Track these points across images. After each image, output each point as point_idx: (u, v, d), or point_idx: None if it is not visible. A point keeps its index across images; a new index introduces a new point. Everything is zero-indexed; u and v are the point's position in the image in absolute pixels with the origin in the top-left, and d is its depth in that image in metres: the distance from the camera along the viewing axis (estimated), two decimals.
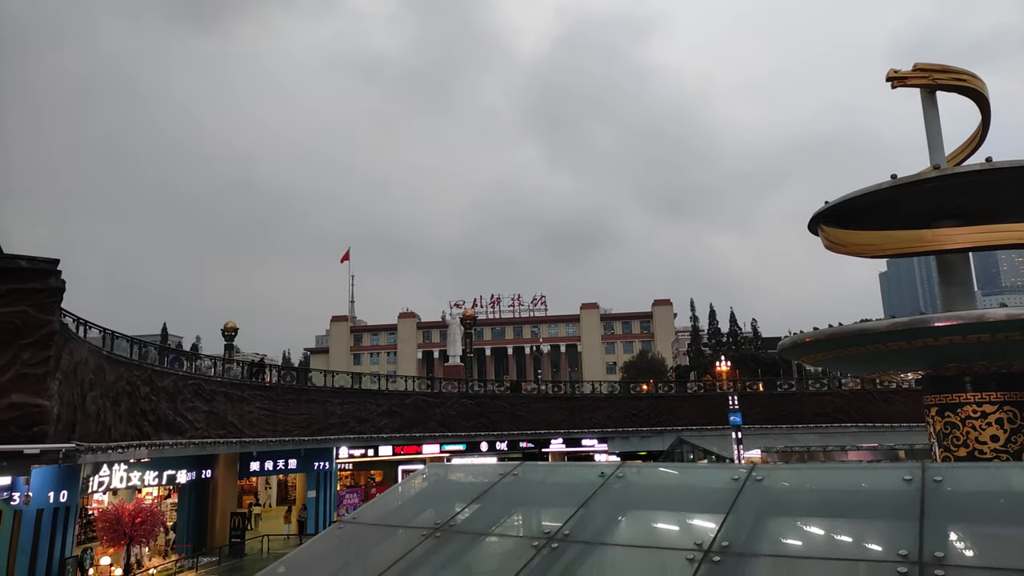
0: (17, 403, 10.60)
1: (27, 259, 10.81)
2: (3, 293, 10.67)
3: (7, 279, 10.73)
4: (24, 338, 10.80)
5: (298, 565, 8.69)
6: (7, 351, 10.67)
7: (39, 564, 20.27)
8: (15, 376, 10.63)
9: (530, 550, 6.57)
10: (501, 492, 8.39)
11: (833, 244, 25.86)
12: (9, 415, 10.54)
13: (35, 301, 10.91)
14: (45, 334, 11.00)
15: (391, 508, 9.68)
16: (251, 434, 29.23)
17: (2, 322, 10.59)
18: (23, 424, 10.64)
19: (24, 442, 10.48)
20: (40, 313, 10.94)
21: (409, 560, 7.54)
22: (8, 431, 10.47)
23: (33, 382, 10.83)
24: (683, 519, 6.89)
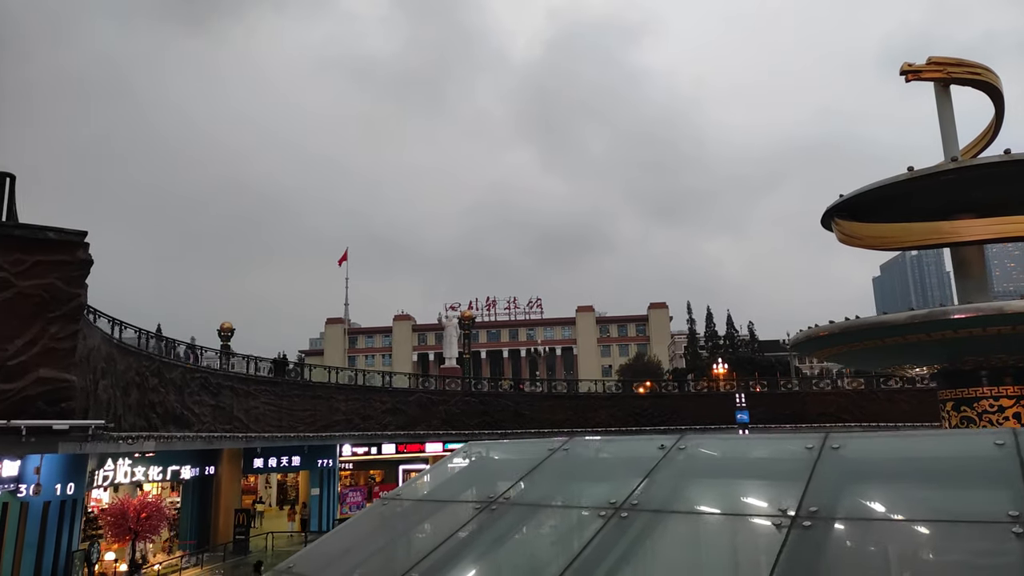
0: (45, 378, 10.25)
1: (55, 230, 10.46)
2: (30, 265, 10.34)
3: (34, 250, 10.39)
4: (51, 311, 10.46)
5: (346, 538, 8.40)
6: (34, 324, 10.32)
7: (46, 558, 19.84)
8: (42, 350, 10.29)
9: (598, 520, 6.32)
10: (554, 466, 8.13)
11: (848, 237, 25.70)
12: (36, 390, 10.19)
13: (63, 274, 10.57)
14: (73, 308, 10.66)
15: (435, 485, 9.39)
16: (257, 429, 28.85)
17: (29, 295, 10.25)
18: (51, 400, 10.29)
19: (51, 418, 10.14)
20: (68, 286, 10.60)
21: (468, 531, 7.26)
22: (35, 407, 10.12)
23: (60, 357, 10.49)
24: (762, 487, 6.64)
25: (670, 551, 6.13)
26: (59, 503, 20.36)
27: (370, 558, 7.84)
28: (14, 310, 10.16)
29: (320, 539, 9.12)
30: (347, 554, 8.03)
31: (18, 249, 10.24)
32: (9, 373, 10.04)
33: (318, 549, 8.96)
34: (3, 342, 10.07)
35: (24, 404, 10.07)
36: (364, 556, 7.99)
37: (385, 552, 7.90)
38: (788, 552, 5.11)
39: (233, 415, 27.44)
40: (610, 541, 6.07)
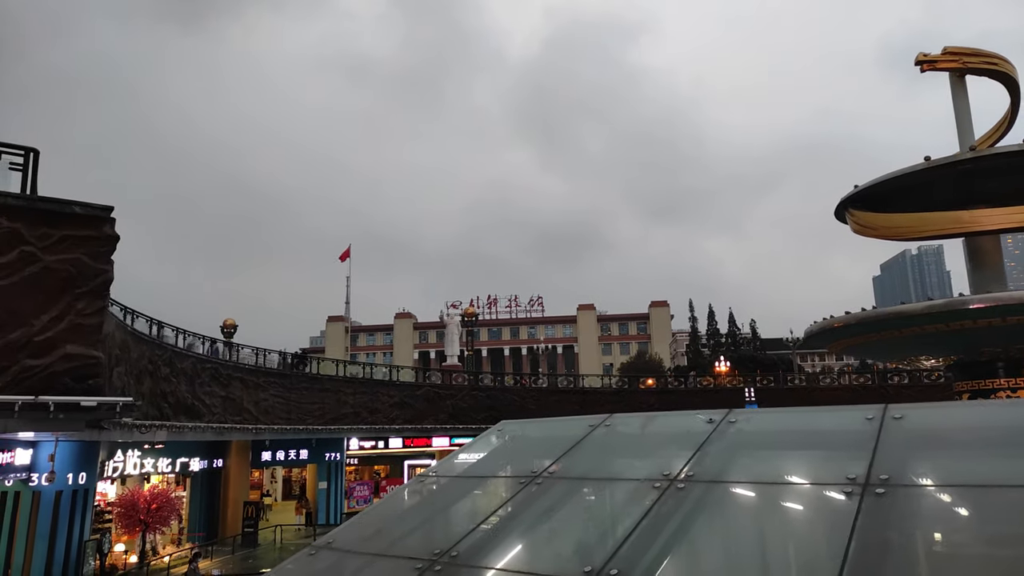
0: (72, 354, 10.05)
1: (81, 205, 10.25)
2: (57, 239, 10.13)
3: (61, 224, 10.19)
4: (79, 287, 10.26)
5: (385, 514, 8.21)
6: (61, 299, 10.12)
7: (57, 548, 19.66)
8: (69, 326, 10.08)
9: (652, 491, 6.12)
10: (597, 441, 7.95)
11: (863, 228, 25.53)
12: (64, 366, 9.99)
13: (90, 249, 10.37)
14: (100, 283, 10.46)
15: (473, 461, 9.19)
16: (266, 421, 28.66)
17: (55, 269, 10.05)
18: (78, 376, 10.09)
19: (78, 395, 9.96)
20: (95, 261, 10.40)
21: (514, 505, 7.06)
22: (62, 383, 9.92)
23: (88, 333, 10.29)
24: (825, 456, 6.46)
25: (733, 521, 5.95)
26: (71, 492, 20.17)
27: (412, 532, 7.66)
28: (41, 285, 9.95)
29: (358, 515, 8.94)
30: (388, 529, 7.83)
31: (44, 223, 10.04)
32: (36, 349, 9.84)
33: (357, 524, 8.77)
34: (30, 317, 9.87)
35: (51, 380, 9.87)
36: (406, 530, 7.80)
37: (428, 526, 7.70)
38: (863, 520, 4.96)
39: (243, 407, 27.25)
40: (668, 511, 5.88)
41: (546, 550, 6.33)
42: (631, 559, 5.09)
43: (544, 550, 6.32)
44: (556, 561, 5.95)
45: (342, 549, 7.52)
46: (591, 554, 5.42)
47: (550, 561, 5.99)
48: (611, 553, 5.21)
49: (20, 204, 9.86)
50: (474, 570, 6.02)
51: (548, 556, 6.13)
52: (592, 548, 5.73)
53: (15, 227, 9.77)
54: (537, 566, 5.87)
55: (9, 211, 9.74)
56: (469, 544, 6.33)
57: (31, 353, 9.79)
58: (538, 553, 6.23)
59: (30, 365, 9.76)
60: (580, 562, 5.32)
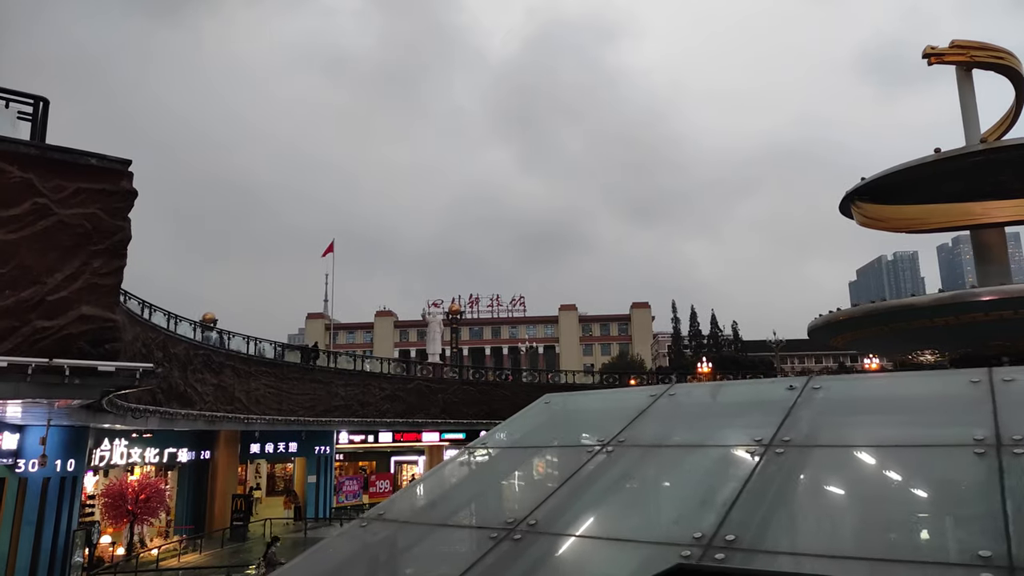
0: (88, 316, 9.32)
1: (97, 156, 9.53)
2: (73, 192, 9.40)
3: (77, 177, 9.46)
4: (95, 244, 9.53)
5: (437, 486, 7.64)
6: (76, 257, 9.38)
7: (44, 537, 18.79)
8: (85, 286, 9.34)
9: (748, 457, 5.63)
10: (665, 410, 7.44)
11: (871, 220, 25.34)
12: (79, 328, 9.25)
13: (106, 204, 9.64)
14: (118, 241, 9.74)
15: (523, 432, 8.66)
16: (257, 411, 27.83)
17: (70, 224, 9.32)
18: (95, 340, 9.37)
19: (94, 360, 9.25)
20: (112, 217, 9.68)
21: (586, 474, 6.50)
22: (77, 346, 9.20)
23: (104, 294, 9.57)
24: (937, 419, 6.08)
25: (846, 484, 5.47)
26: (59, 480, 19.32)
27: (474, 503, 7.11)
28: (54, 240, 9.23)
29: (403, 489, 8.37)
30: (443, 500, 7.27)
31: (57, 175, 9.32)
32: (49, 309, 9.11)
33: (406, 497, 8.20)
34: (43, 275, 9.14)
35: (65, 343, 9.16)
36: (465, 501, 7.24)
37: (491, 497, 7.15)
38: (1008, 480, 4.56)
39: (234, 396, 26.42)
40: (771, 476, 5.37)
41: (637, 517, 5.79)
42: (744, 524, 4.56)
43: (635, 517, 5.77)
44: (654, 528, 5.40)
45: (398, 520, 6.93)
46: (695, 520, 4.88)
47: (647, 528, 5.44)
48: (720, 519, 4.67)
49: (32, 153, 9.14)
50: (558, 538, 5.46)
51: (642, 523, 5.59)
52: (694, 515, 5.18)
53: (27, 177, 9.05)
54: (635, 533, 5.33)
55: (20, 160, 9.02)
56: (546, 512, 5.76)
57: (44, 313, 9.07)
58: (629, 520, 5.68)
59: (43, 327, 9.03)
60: (684, 528, 4.79)
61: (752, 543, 4.28)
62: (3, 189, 8.85)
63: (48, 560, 18.78)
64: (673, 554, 4.41)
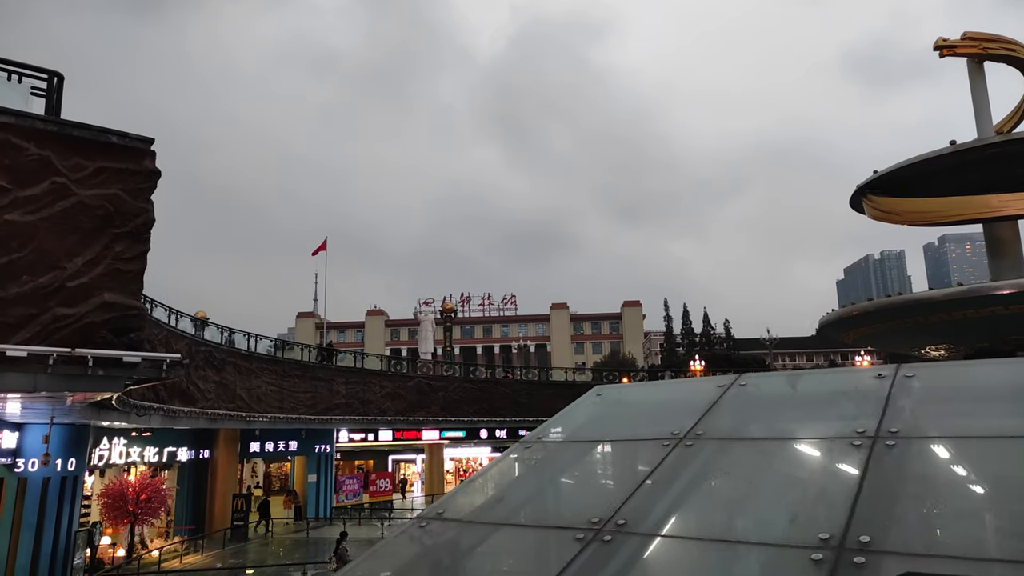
0: (111, 303, 8.73)
1: (118, 134, 8.93)
2: (93, 172, 8.80)
3: (96, 155, 8.87)
4: (117, 226, 8.93)
5: (495, 483, 7.16)
6: (98, 240, 8.78)
7: (45, 539, 18.15)
8: (107, 271, 8.75)
9: (854, 450, 5.15)
10: (742, 401, 6.95)
11: (884, 214, 25.05)
12: (101, 316, 8.66)
13: (128, 184, 9.05)
14: (141, 224, 9.16)
15: (581, 425, 8.16)
16: (259, 409, 27.21)
17: (91, 206, 8.72)
18: (119, 329, 8.79)
19: (119, 350, 8.68)
20: (134, 199, 9.09)
21: (670, 467, 6.01)
22: (100, 335, 8.61)
23: (128, 280, 8.98)
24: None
25: (974, 474, 5.02)
26: (59, 480, 18.69)
27: (545, 500, 6.61)
28: (74, 223, 8.65)
29: (458, 488, 7.85)
30: (508, 498, 6.78)
31: (77, 152, 8.73)
32: (70, 296, 8.53)
33: (464, 495, 7.68)
34: (62, 259, 8.55)
35: (87, 332, 8.58)
36: (533, 499, 6.73)
37: (561, 495, 6.66)
38: None
39: (236, 393, 25.80)
40: (890, 471, 4.89)
41: (744, 516, 5.28)
42: (876, 523, 4.08)
43: (741, 516, 5.26)
44: (769, 528, 4.87)
45: (460, 519, 6.42)
46: (817, 520, 4.39)
47: (760, 528, 4.92)
48: (846, 518, 4.18)
49: (50, 129, 8.55)
50: (656, 539, 4.96)
51: (752, 523, 5.07)
52: (813, 513, 4.69)
53: (44, 155, 8.47)
54: (748, 534, 4.85)
55: (38, 136, 8.43)
56: (634, 511, 5.25)
57: (64, 300, 8.48)
58: (736, 520, 5.17)
59: (63, 314, 8.45)
60: (805, 529, 4.30)
61: (894, 545, 3.81)
62: (20, 167, 8.28)
63: (48, 562, 18.15)
64: (801, 558, 3.93)
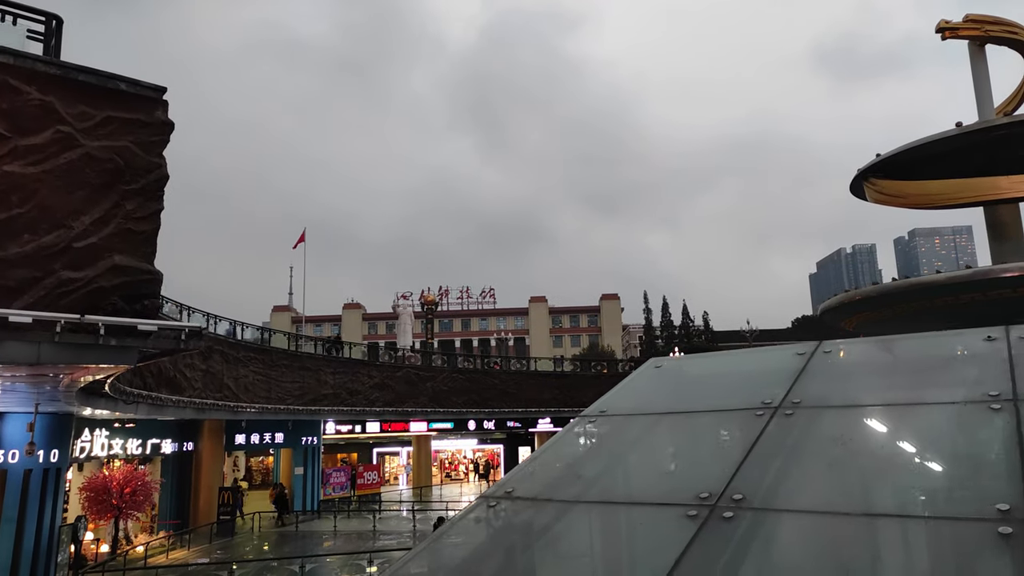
0: (121, 267, 7.87)
1: (128, 81, 8.04)
2: (101, 121, 7.91)
3: (105, 104, 7.98)
4: (128, 183, 8.05)
5: (566, 458, 6.45)
6: (107, 197, 7.88)
7: (27, 534, 17.14)
8: (118, 232, 7.87)
9: (984, 412, 4.54)
10: (833, 369, 6.29)
11: (888, 197, 24.77)
12: (111, 281, 7.78)
13: (139, 137, 8.16)
14: (154, 180, 8.29)
15: (644, 399, 7.43)
16: (246, 399, 26.25)
17: (100, 158, 7.83)
18: (131, 295, 7.92)
19: (131, 318, 7.83)
20: (146, 153, 8.22)
21: (773, 438, 5.33)
22: (110, 302, 7.74)
23: (140, 242, 8.11)
24: None
25: None
26: (41, 472, 17.66)
27: (628, 478, 5.93)
28: (80, 177, 7.77)
29: (523, 465, 7.12)
30: (587, 474, 6.06)
31: (82, 100, 7.87)
32: (76, 258, 7.66)
33: (533, 473, 6.96)
34: (67, 217, 7.67)
35: (96, 298, 7.72)
36: (613, 476, 6.03)
37: (649, 470, 5.96)
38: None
39: (223, 383, 24.82)
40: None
41: (888, 486, 4.62)
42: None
43: (886, 487, 4.60)
44: (933, 499, 4.20)
45: (535, 498, 5.68)
46: (988, 488, 3.74)
47: (919, 500, 4.26)
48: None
49: (53, 72, 7.66)
50: (790, 515, 4.29)
51: (905, 493, 4.42)
52: (976, 481, 4.06)
53: (47, 100, 7.59)
54: (904, 506, 4.18)
55: (39, 79, 7.54)
56: (748, 484, 4.55)
57: (70, 263, 7.62)
58: (881, 491, 4.50)
59: (69, 278, 7.59)
60: (977, 497, 3.67)
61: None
62: (20, 113, 7.39)
63: (31, 558, 17.14)
64: (987, 531, 3.30)
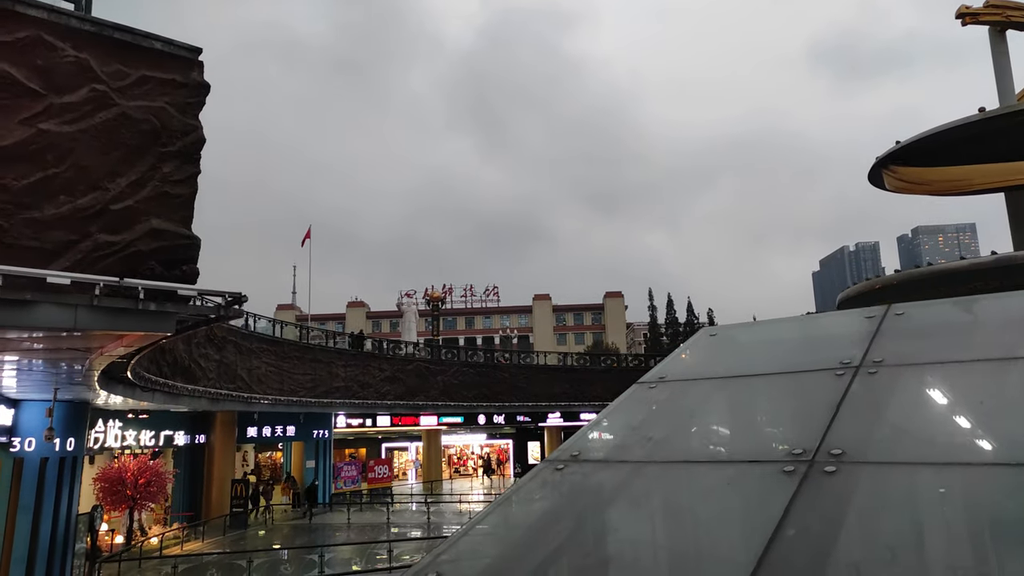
0: (159, 230, 7.59)
1: (163, 40, 7.78)
2: (136, 80, 7.63)
3: (140, 63, 7.70)
4: (164, 145, 7.78)
5: (635, 422, 6.15)
6: (143, 159, 7.61)
7: (43, 522, 16.88)
8: (155, 195, 7.60)
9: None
10: (911, 329, 5.99)
11: (910, 184, 24.49)
12: (150, 245, 7.51)
13: (176, 98, 7.90)
14: (191, 143, 8.02)
15: (704, 365, 7.14)
16: (259, 391, 25.99)
17: (136, 119, 7.56)
18: (169, 260, 7.64)
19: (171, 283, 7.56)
20: (182, 115, 7.94)
21: (860, 394, 5.03)
22: (147, 266, 7.47)
23: (177, 206, 7.83)
24: None
25: None
26: (58, 460, 17.40)
27: (706, 437, 5.62)
28: (116, 137, 7.51)
29: (587, 428, 6.82)
30: (660, 436, 5.74)
31: (117, 58, 7.60)
32: (113, 220, 7.40)
33: (592, 438, 6.67)
34: (103, 179, 7.40)
35: (133, 262, 7.45)
36: (689, 436, 5.72)
37: (725, 430, 5.65)
38: None
39: (236, 374, 24.57)
40: None
41: (997, 437, 4.33)
42: None
43: (997, 439, 4.31)
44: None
45: (606, 460, 5.38)
46: None
47: None
48: None
49: (87, 28, 7.40)
50: (900, 467, 3.99)
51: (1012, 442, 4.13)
52: None
53: (82, 57, 7.32)
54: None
55: (74, 36, 7.28)
56: (844, 440, 4.24)
57: (106, 226, 7.36)
58: (991, 442, 4.20)
59: (106, 241, 7.32)
60: None
61: None
62: (54, 70, 7.12)
63: (47, 548, 16.88)
64: None
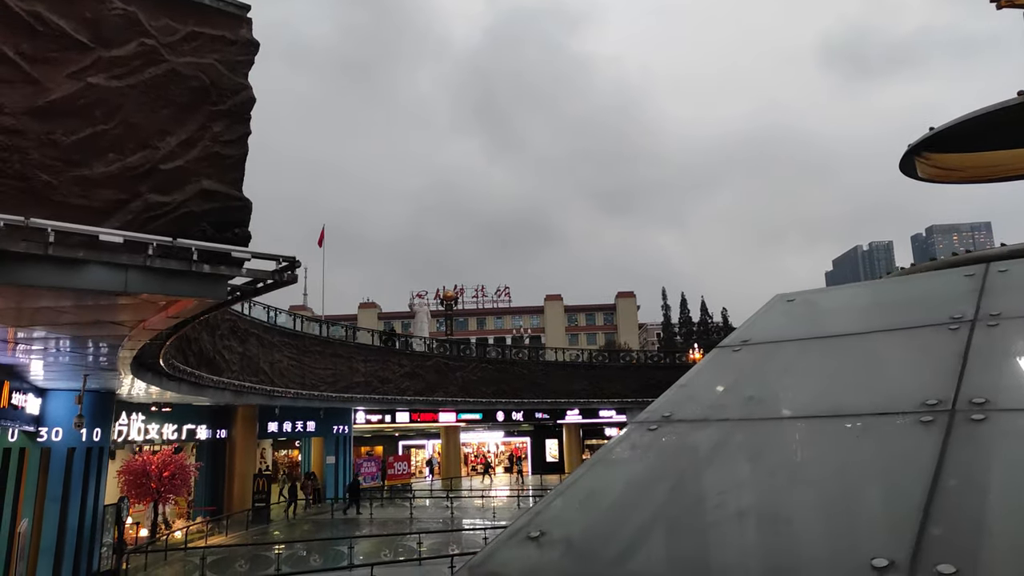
0: (210, 191, 7.30)
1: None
2: (186, 36, 7.34)
3: (188, 18, 7.40)
4: (214, 104, 7.50)
5: (732, 382, 5.79)
6: (193, 118, 7.32)
7: (71, 513, 16.67)
8: (205, 155, 7.32)
9: None
10: (1016, 284, 5.62)
11: (944, 171, 24.01)
12: (201, 207, 7.22)
13: (225, 56, 7.61)
14: (241, 102, 7.73)
15: (789, 328, 6.74)
16: (281, 384, 25.77)
17: (186, 75, 7.27)
18: (221, 222, 7.35)
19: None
20: (232, 72, 7.65)
21: (984, 346, 4.63)
22: (199, 228, 7.19)
23: (228, 167, 7.54)
24: None
25: None
26: (84, 450, 17.20)
27: (808, 393, 5.25)
28: (166, 94, 7.23)
29: (674, 391, 6.44)
30: (755, 396, 5.38)
31: (166, 13, 7.32)
32: (163, 181, 7.12)
33: (682, 397, 6.31)
34: (153, 137, 7.13)
35: (184, 223, 7.17)
36: (784, 393, 5.35)
37: (831, 385, 5.28)
38: None
39: (259, 367, 24.35)
40: None
41: None
42: None
43: None
44: None
45: (705, 419, 4.99)
46: None
47: None
48: None
49: None
50: None
51: None
52: None
53: (131, 11, 7.05)
54: None
55: None
56: (983, 389, 3.88)
57: (156, 186, 7.08)
58: None
59: (156, 202, 7.04)
60: None
61: None
62: (102, 23, 6.85)
63: (75, 539, 16.67)
64: None
